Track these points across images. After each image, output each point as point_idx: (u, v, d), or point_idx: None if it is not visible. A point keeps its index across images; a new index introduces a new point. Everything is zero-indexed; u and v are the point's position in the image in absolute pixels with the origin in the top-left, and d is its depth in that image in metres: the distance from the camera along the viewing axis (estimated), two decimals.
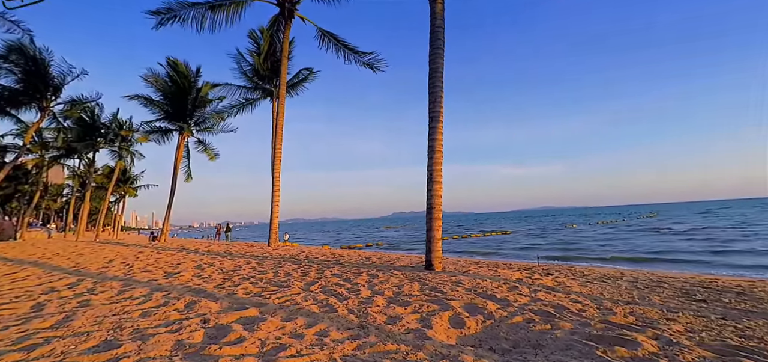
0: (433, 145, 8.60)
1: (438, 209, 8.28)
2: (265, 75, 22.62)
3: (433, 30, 9.17)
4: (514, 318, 4.12)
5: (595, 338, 3.33)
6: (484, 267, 8.78)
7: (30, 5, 5.07)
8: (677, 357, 2.81)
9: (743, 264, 12.72)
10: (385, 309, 4.56)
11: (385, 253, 14.85)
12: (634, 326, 3.78)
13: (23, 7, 5.36)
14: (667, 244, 19.82)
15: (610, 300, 5.33)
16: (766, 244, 17.62)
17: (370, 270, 8.03)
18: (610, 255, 16.71)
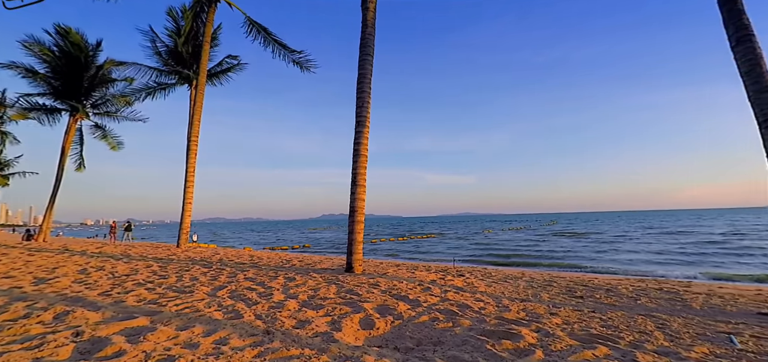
0: (358, 149, 8.66)
1: (360, 212, 8.35)
2: (184, 59, 20.58)
3: (364, 37, 9.27)
4: (421, 317, 4.31)
5: (488, 333, 3.64)
6: (403, 269, 9.08)
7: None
8: (549, 347, 3.21)
9: (616, 266, 15.14)
10: (296, 313, 4.43)
11: (308, 255, 14.51)
12: (523, 321, 4.22)
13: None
14: (562, 247, 22.75)
15: (509, 298, 5.91)
16: (637, 247, 21.27)
17: (289, 273, 7.76)
18: (515, 257, 18.58)
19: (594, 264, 15.78)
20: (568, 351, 3.11)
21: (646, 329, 4.17)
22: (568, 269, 14.25)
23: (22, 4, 4.86)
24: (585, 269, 13.99)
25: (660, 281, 9.04)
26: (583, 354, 3.01)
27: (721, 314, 5.18)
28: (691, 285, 8.47)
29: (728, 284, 9.58)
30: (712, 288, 7.79)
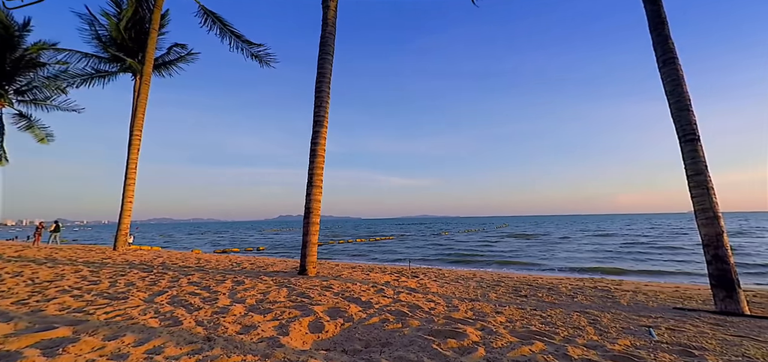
0: (315, 149, 8.51)
1: (316, 214, 8.20)
2: (127, 46, 19.01)
3: (324, 36, 9.15)
4: (372, 319, 4.31)
5: (436, 333, 3.72)
6: (358, 271, 9.04)
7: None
8: (491, 344, 3.35)
9: (559, 264, 16.21)
10: (241, 318, 4.24)
11: (262, 258, 13.99)
12: (469, 320, 4.37)
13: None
14: (512, 248, 23.96)
15: (459, 298, 6.09)
16: (578, 248, 22.93)
17: (238, 277, 7.42)
18: (469, 259, 19.26)
19: (539, 264, 16.77)
20: (507, 348, 3.27)
21: (580, 324, 4.49)
22: (516, 269, 15.01)
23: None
24: (532, 269, 14.84)
25: (595, 280, 9.81)
26: (521, 350, 3.18)
27: (644, 309, 5.71)
28: (622, 283, 9.28)
29: (652, 282, 10.62)
30: (639, 286, 8.59)
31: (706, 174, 5.86)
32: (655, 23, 6.51)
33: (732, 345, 3.73)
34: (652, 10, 6.56)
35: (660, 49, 6.47)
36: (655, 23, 6.51)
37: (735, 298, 5.36)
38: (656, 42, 6.51)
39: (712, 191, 5.79)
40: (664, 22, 6.46)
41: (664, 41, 6.42)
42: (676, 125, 6.19)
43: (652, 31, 6.58)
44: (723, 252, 5.50)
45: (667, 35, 6.44)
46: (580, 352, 3.19)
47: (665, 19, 6.48)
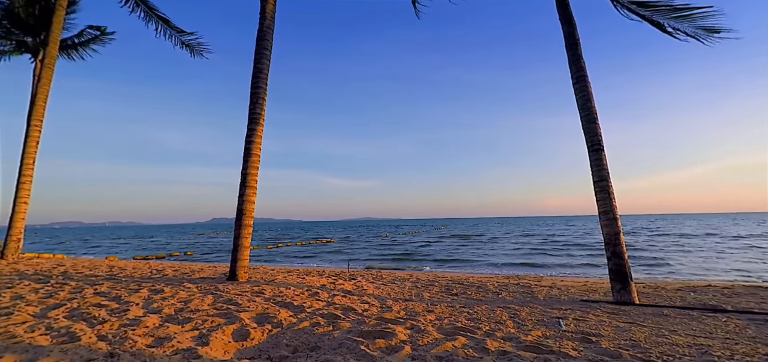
0: (250, 148, 8.11)
1: (249, 216, 7.80)
2: (27, 23, 16.38)
3: (262, 29, 8.77)
4: (302, 323, 4.19)
5: (365, 334, 3.73)
6: (294, 275, 8.77)
7: None
8: (417, 342, 3.46)
9: (489, 263, 17.34)
10: (155, 329, 3.85)
11: (188, 264, 12.93)
12: (400, 320, 4.46)
13: None
14: (448, 249, 25.10)
15: (393, 299, 6.19)
16: (508, 247, 24.75)
17: (157, 285, 6.75)
18: (408, 260, 19.76)
19: (471, 262, 17.78)
20: (432, 344, 3.39)
21: (502, 319, 4.83)
22: (451, 268, 15.74)
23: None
24: (464, 268, 15.67)
25: (519, 277, 10.65)
26: (445, 346, 3.32)
27: (557, 302, 6.31)
28: (541, 279, 10.18)
29: (567, 277, 11.82)
30: (555, 281, 9.49)
31: (609, 180, 6.67)
32: (570, 44, 7.27)
33: (623, 331, 4.28)
34: (568, 31, 7.33)
35: (574, 68, 7.23)
36: (570, 44, 7.27)
37: (628, 289, 6.17)
38: (571, 61, 7.27)
39: (612, 195, 6.60)
40: (578, 44, 7.24)
41: (577, 60, 7.19)
42: (586, 136, 6.97)
43: (568, 50, 7.33)
44: (619, 249, 6.31)
45: (580, 55, 7.22)
46: (497, 345, 3.42)
47: (579, 41, 7.27)
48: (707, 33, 7.46)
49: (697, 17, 7.41)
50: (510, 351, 3.22)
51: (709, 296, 6.99)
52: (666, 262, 16.75)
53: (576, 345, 3.50)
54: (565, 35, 7.35)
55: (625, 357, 3.17)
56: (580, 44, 7.24)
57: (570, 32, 7.29)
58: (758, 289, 7.92)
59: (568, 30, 7.32)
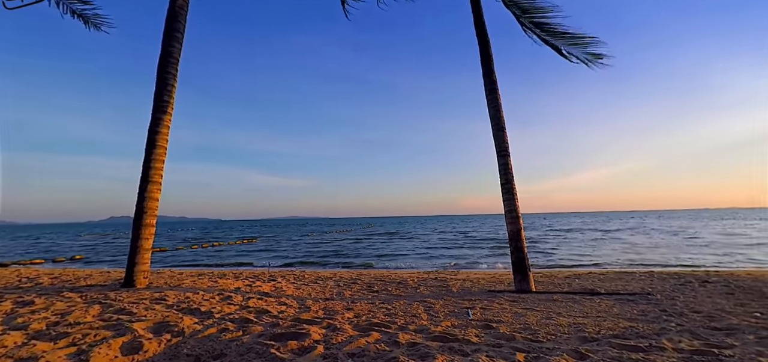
0: (155, 139, 7.24)
1: (151, 215, 6.96)
2: None
3: (173, 10, 7.88)
4: (208, 330, 3.87)
5: (277, 337, 3.59)
6: (206, 279, 8.08)
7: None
8: (331, 341, 3.44)
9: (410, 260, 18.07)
10: (15, 349, 3.21)
11: (74, 269, 11.08)
12: (317, 319, 4.39)
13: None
14: (373, 246, 25.58)
15: (314, 298, 6.08)
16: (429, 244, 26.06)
17: (26, 296, 5.64)
18: (333, 259, 19.62)
19: (395, 260, 18.36)
20: (346, 342, 3.40)
21: (417, 312, 5.05)
22: (375, 266, 16.03)
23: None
24: (388, 265, 16.10)
25: (438, 272, 11.29)
26: (358, 343, 3.35)
27: (468, 294, 6.82)
28: (458, 273, 10.92)
29: (479, 270, 12.87)
30: (469, 274, 10.25)
31: (513, 183, 7.41)
32: (484, 59, 7.90)
33: (520, 316, 4.79)
34: (483, 48, 7.95)
35: (487, 80, 7.88)
36: (484, 59, 7.90)
37: (527, 279, 6.94)
38: (485, 74, 7.91)
39: (516, 196, 7.35)
40: (491, 59, 7.91)
41: (490, 74, 7.85)
42: (495, 143, 7.65)
43: (483, 64, 7.97)
44: (520, 244, 7.06)
45: (492, 69, 7.90)
46: (408, 337, 3.56)
47: (492, 56, 7.94)
48: (594, 58, 8.72)
49: (587, 44, 8.61)
50: (419, 343, 3.37)
51: (589, 281, 8.19)
52: (554, 252, 19.30)
53: (478, 332, 3.81)
54: (481, 51, 7.98)
55: (518, 340, 3.55)
56: (492, 60, 7.91)
57: (484, 49, 7.92)
58: (624, 274, 9.55)
59: (483, 47, 7.95)
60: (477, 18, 8.06)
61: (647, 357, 2.97)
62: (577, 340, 3.52)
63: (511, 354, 3.05)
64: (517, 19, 8.69)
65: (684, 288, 6.81)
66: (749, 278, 8.21)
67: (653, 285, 7.40)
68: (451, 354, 3.04)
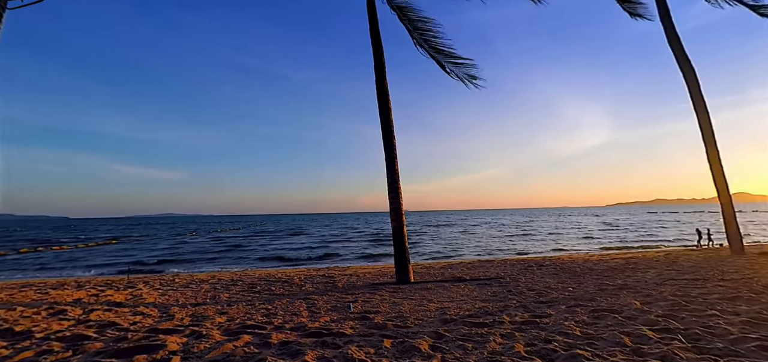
0: None
1: None
2: None
3: None
4: (21, 354, 3.07)
5: (121, 353, 3.07)
6: (32, 290, 6.44)
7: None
8: (191, 349, 3.11)
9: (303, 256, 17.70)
10: None
11: None
12: (180, 327, 3.91)
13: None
14: (262, 245, 24.21)
15: (181, 304, 5.41)
16: (320, 242, 25.89)
17: None
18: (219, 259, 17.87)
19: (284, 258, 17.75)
20: (210, 349, 3.11)
21: (298, 310, 4.95)
22: (263, 265, 15.21)
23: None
24: (278, 264, 15.46)
25: (328, 268, 11.32)
26: (224, 348, 3.10)
27: (354, 288, 6.99)
28: (347, 268, 11.13)
29: (368, 264, 13.37)
30: (357, 269, 10.54)
31: (399, 183, 7.90)
32: (377, 66, 8.20)
33: (396, 306, 5.12)
34: (377, 56, 8.23)
35: (379, 87, 8.18)
36: (377, 66, 8.20)
37: (407, 271, 7.48)
38: (377, 80, 8.21)
39: (400, 195, 7.85)
40: (384, 67, 8.24)
41: (382, 81, 8.18)
42: (384, 145, 8.03)
43: (376, 71, 8.25)
44: (402, 240, 7.57)
45: (385, 76, 8.24)
46: (282, 336, 3.46)
47: (384, 65, 8.28)
48: (471, 79, 9.82)
49: (466, 66, 9.63)
50: (292, 341, 3.31)
51: (458, 270, 9.29)
52: (432, 245, 21.47)
53: (354, 324, 3.95)
54: (375, 58, 8.24)
55: (389, 327, 3.79)
56: (385, 67, 8.27)
57: (378, 57, 8.20)
58: (486, 262, 11.14)
59: (377, 55, 8.22)
60: (372, 26, 8.32)
61: (490, 331, 3.51)
62: (439, 322, 3.94)
63: (380, 341, 3.23)
64: (410, 33, 9.24)
65: (526, 272, 8.29)
66: (570, 261, 10.49)
67: (505, 270, 8.81)
68: (323, 349, 3.07)
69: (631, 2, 12.45)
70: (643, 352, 2.78)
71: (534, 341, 3.15)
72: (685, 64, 10.97)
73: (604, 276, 7.15)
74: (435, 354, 2.88)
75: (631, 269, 7.93)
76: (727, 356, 2.64)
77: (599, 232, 30.92)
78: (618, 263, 9.39)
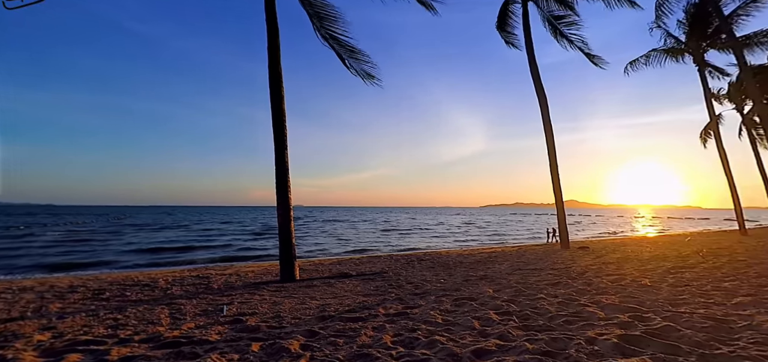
0: None
1: None
2: None
3: None
4: None
5: None
6: None
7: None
8: None
9: (174, 257, 15.60)
10: None
11: None
12: None
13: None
14: (121, 244, 20.48)
15: None
16: (192, 239, 23.19)
17: None
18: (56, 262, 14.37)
19: (148, 257, 15.39)
20: None
21: (157, 318, 4.32)
22: (114, 268, 12.83)
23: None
24: (136, 266, 13.25)
25: (208, 267, 10.21)
26: None
27: (231, 289, 6.44)
28: (229, 267, 10.22)
29: (253, 263, 12.52)
30: (240, 268, 9.77)
31: (288, 176, 7.60)
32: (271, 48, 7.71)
33: (276, 305, 4.91)
34: (271, 38, 7.72)
35: (272, 71, 7.70)
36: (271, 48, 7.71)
37: (292, 268, 7.26)
38: (270, 64, 7.69)
39: (289, 190, 7.57)
40: (278, 50, 7.78)
41: (275, 65, 7.70)
42: (274, 134, 7.61)
43: (269, 53, 7.74)
44: (289, 236, 7.31)
45: (279, 61, 7.76)
46: (127, 351, 2.96)
47: (279, 47, 7.81)
48: (368, 76, 10.01)
49: (363, 62, 9.76)
50: (138, 355, 2.86)
51: (348, 266, 9.43)
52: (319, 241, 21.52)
53: (223, 329, 3.63)
54: (269, 40, 7.73)
55: (262, 329, 3.60)
56: (279, 51, 7.82)
57: (273, 39, 7.71)
58: (374, 257, 11.60)
59: (271, 37, 7.72)
60: (268, 4, 7.81)
61: (364, 325, 3.64)
62: (316, 320, 3.92)
63: (248, 345, 3.04)
64: (311, 19, 8.93)
65: (408, 266, 8.92)
66: (446, 255, 11.71)
67: (390, 264, 9.32)
68: (177, 360, 2.73)
69: (507, 32, 14.61)
70: (486, 333, 3.25)
71: (401, 331, 3.39)
72: (540, 91, 13.35)
73: (470, 268, 8.18)
74: (304, 353, 2.84)
75: (492, 262, 9.26)
76: (544, 330, 3.28)
77: (477, 229, 35.35)
78: (483, 256, 10.87)
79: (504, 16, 14.29)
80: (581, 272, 6.90)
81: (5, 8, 4.78)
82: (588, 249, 11.98)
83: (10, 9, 4.84)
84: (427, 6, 9.19)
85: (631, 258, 8.89)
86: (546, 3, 13.66)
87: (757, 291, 4.66)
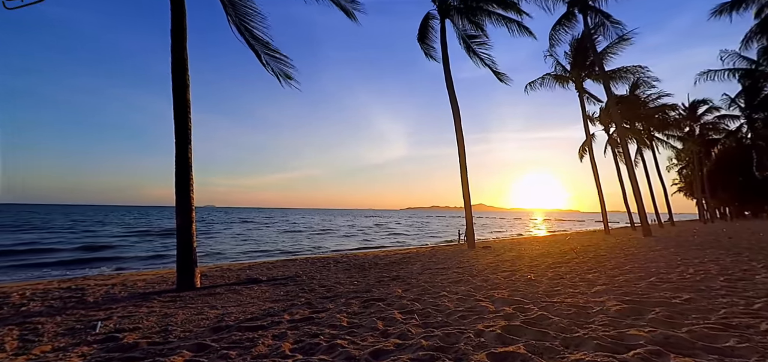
0: None
1: None
2: None
3: None
4: None
5: None
6: None
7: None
8: None
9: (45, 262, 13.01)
10: None
11: None
12: None
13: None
14: None
15: None
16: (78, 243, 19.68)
17: None
18: None
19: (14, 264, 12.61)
20: None
21: (2, 341, 3.52)
22: None
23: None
24: None
25: (83, 278, 8.67)
26: None
27: (113, 301, 5.57)
28: (112, 276, 8.84)
29: (148, 270, 11.06)
30: (127, 277, 8.52)
31: (191, 173, 6.87)
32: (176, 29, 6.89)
33: (167, 317, 4.38)
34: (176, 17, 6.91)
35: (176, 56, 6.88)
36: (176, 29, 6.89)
37: (191, 275, 6.57)
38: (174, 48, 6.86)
39: (192, 188, 6.85)
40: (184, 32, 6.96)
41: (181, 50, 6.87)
42: (176, 127, 6.81)
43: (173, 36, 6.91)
44: (189, 239, 6.60)
45: (185, 45, 6.96)
46: None
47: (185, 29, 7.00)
48: (286, 77, 9.50)
49: (282, 62, 9.23)
50: None
51: (258, 271, 8.88)
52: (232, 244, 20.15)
53: (88, 350, 3.10)
54: (173, 19, 6.93)
55: (141, 346, 3.17)
56: (186, 33, 7.02)
57: (178, 18, 6.91)
58: (289, 261, 11.17)
59: (176, 16, 6.92)
60: None
61: (264, 333, 3.44)
62: (209, 332, 3.59)
63: None
64: (225, 8, 8.21)
65: (323, 268, 8.78)
66: (363, 257, 11.84)
67: (305, 268, 9.07)
68: None
69: (427, 45, 15.41)
70: (388, 333, 3.34)
71: (303, 337, 3.29)
72: (454, 102, 14.36)
73: (384, 269, 8.37)
74: None
75: (405, 262, 9.62)
76: (441, 326, 3.49)
77: (399, 229, 36.46)
78: (398, 257, 11.25)
79: (424, 29, 15.09)
80: (481, 270, 7.57)
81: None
82: (490, 248, 13.25)
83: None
84: (347, 13, 9.18)
85: (524, 256, 10.06)
86: (461, 22, 14.81)
87: (611, 280, 5.64)
